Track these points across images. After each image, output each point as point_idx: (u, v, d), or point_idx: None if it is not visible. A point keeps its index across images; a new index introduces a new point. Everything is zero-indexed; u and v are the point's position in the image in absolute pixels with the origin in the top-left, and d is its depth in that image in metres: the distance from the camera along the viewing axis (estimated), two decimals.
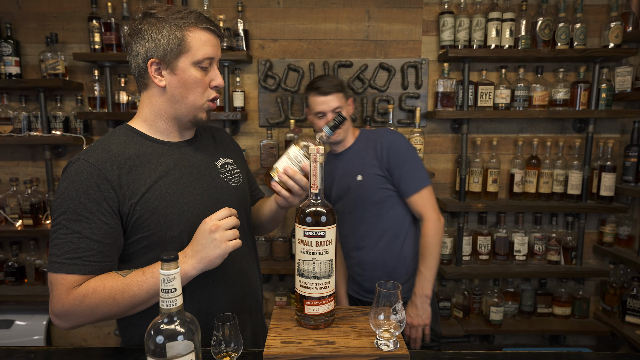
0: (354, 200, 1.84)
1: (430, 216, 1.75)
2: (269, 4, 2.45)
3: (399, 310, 0.95)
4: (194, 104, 1.11)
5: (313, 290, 1.01)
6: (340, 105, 1.79)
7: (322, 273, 1.00)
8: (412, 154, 1.78)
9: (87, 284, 1.00)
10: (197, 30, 1.08)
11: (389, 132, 1.84)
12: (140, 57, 1.09)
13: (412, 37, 2.48)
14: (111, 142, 1.10)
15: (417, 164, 1.77)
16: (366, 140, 1.85)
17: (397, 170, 1.76)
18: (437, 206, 1.78)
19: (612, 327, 2.38)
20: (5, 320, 2.57)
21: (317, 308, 1.02)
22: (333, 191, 1.92)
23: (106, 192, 1.02)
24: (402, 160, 1.76)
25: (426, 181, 1.77)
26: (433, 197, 1.78)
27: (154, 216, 1.06)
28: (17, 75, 2.39)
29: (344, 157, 1.89)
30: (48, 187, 2.50)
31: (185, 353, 0.78)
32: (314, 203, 1.00)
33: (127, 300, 1.00)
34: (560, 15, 2.31)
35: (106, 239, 1.03)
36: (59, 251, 1.00)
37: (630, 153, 2.35)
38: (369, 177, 1.79)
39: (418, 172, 1.76)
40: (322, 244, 0.99)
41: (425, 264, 1.74)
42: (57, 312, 1.02)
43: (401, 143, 1.79)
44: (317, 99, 1.79)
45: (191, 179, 1.15)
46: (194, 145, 1.21)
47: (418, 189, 1.75)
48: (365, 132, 1.90)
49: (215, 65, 1.14)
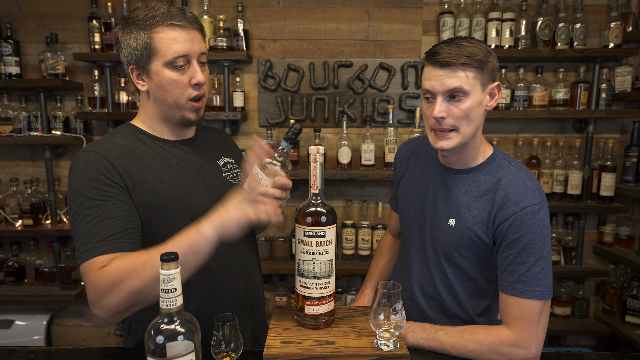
0: (432, 242, 1.25)
1: (520, 341, 1.08)
2: (269, 4, 2.45)
3: (399, 310, 0.95)
4: (175, 104, 1.10)
5: (313, 290, 1.01)
6: (462, 88, 1.07)
7: (322, 273, 1.00)
8: (544, 248, 1.10)
9: (111, 263, 0.96)
10: (165, 29, 1.04)
11: (527, 193, 1.11)
12: (125, 64, 1.11)
13: (412, 37, 2.48)
14: (115, 137, 1.12)
15: (546, 262, 1.10)
16: (490, 175, 1.17)
17: (511, 255, 1.11)
18: (541, 338, 1.10)
19: (612, 327, 2.38)
20: (5, 320, 2.57)
21: (317, 308, 1.02)
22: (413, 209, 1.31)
23: (116, 178, 1.03)
24: (524, 250, 1.09)
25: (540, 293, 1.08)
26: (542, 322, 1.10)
27: (163, 208, 1.07)
28: (17, 75, 2.39)
29: (455, 180, 1.22)
30: (48, 187, 2.50)
31: (185, 353, 0.78)
32: (314, 203, 1.00)
33: (149, 272, 0.92)
34: (560, 15, 2.31)
35: (129, 217, 1.02)
36: (85, 240, 0.98)
37: (630, 153, 2.35)
38: (463, 230, 1.17)
39: (540, 273, 1.09)
40: (322, 244, 0.99)
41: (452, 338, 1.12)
42: (92, 299, 0.97)
43: (537, 226, 1.09)
44: (429, 71, 1.11)
45: (195, 176, 1.15)
46: (194, 144, 1.22)
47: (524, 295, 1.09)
48: (500, 157, 1.21)
49: (195, 61, 1.08)
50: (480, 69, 1.08)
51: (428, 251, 1.26)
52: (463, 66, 1.06)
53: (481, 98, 1.10)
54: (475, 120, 1.12)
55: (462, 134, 1.12)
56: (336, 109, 2.50)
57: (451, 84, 1.07)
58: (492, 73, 1.12)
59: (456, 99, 1.09)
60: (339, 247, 2.52)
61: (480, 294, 1.23)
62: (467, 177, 1.20)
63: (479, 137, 1.18)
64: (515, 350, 1.08)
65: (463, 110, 1.09)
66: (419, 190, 1.30)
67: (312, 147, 0.98)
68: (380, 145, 2.45)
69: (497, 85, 1.14)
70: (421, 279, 1.29)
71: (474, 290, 1.23)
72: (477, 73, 1.07)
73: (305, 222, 0.99)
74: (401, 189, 1.38)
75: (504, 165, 1.19)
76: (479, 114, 1.12)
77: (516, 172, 1.16)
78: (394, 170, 1.46)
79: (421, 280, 1.28)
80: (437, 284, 1.25)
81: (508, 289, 1.11)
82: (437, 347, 1.13)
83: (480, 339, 1.10)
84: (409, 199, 1.33)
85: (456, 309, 1.24)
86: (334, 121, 2.52)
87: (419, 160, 1.34)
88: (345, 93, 2.50)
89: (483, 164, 1.19)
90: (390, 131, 2.35)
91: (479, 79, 1.08)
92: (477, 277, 1.21)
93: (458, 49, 1.07)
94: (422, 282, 1.28)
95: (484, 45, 1.11)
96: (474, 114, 1.10)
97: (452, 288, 1.23)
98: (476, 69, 1.07)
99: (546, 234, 1.10)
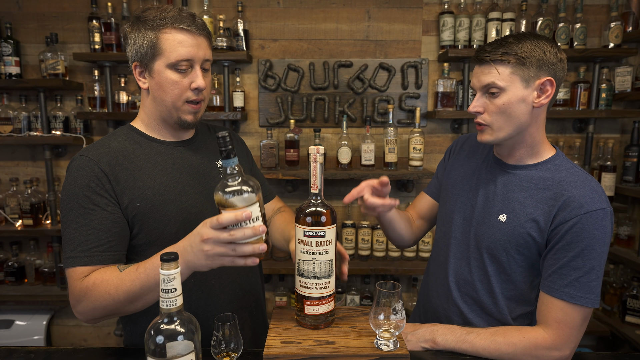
0: (475, 237, 1.22)
1: (557, 344, 1.07)
2: (269, 4, 2.45)
3: (399, 310, 0.95)
4: (172, 105, 1.11)
5: (313, 290, 1.01)
6: (495, 84, 1.09)
7: (322, 273, 1.00)
8: (602, 256, 1.06)
9: (89, 277, 1.01)
10: (172, 31, 1.06)
11: (594, 196, 1.07)
12: (130, 60, 1.13)
13: (412, 37, 2.48)
14: (112, 140, 1.13)
15: (601, 270, 1.07)
16: (550, 174, 1.14)
17: (565, 258, 1.07)
18: (577, 342, 1.10)
19: (612, 327, 2.38)
20: (5, 320, 2.57)
21: (317, 308, 1.02)
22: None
23: (107, 185, 1.05)
24: (581, 255, 1.05)
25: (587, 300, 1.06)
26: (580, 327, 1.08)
27: (152, 213, 1.08)
28: (17, 75, 2.39)
29: (510, 176, 1.19)
30: (48, 187, 2.50)
31: (185, 353, 0.78)
32: (313, 203, 1.00)
33: (122, 295, 0.97)
34: (560, 15, 2.31)
35: (113, 229, 1.05)
36: (71, 246, 1.03)
37: (630, 153, 2.35)
38: (515, 227, 1.14)
39: (594, 281, 1.06)
40: (322, 244, 0.99)
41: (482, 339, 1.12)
42: (72, 303, 1.05)
43: (599, 232, 1.05)
44: (474, 68, 1.16)
45: (189, 178, 1.16)
46: (193, 145, 1.22)
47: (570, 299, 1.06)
48: (562, 159, 1.17)
49: (198, 66, 1.09)
50: (521, 65, 1.07)
51: (470, 246, 1.22)
52: (496, 62, 1.08)
53: (523, 94, 1.08)
54: (516, 117, 1.10)
55: (498, 129, 1.12)
56: (336, 109, 2.50)
57: (485, 80, 1.10)
58: (543, 67, 1.07)
59: (493, 94, 1.10)
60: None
61: (518, 299, 1.18)
62: (523, 174, 1.17)
63: (535, 136, 1.15)
64: (550, 353, 1.07)
65: (498, 106, 1.09)
66: (469, 183, 1.27)
67: (312, 147, 0.98)
68: (380, 145, 2.45)
69: (547, 80, 1.08)
70: (458, 274, 1.25)
71: (513, 293, 1.18)
72: (516, 69, 1.07)
73: (305, 222, 0.99)
74: (449, 179, 1.34)
75: (567, 166, 1.15)
76: (521, 111, 1.10)
77: (581, 173, 1.13)
78: (444, 158, 1.43)
79: (457, 276, 1.25)
80: (475, 281, 1.21)
81: (556, 291, 1.07)
82: (469, 350, 1.11)
83: (515, 342, 1.08)
84: (457, 190, 1.29)
85: (493, 309, 1.20)
86: (334, 121, 2.52)
87: (476, 155, 1.31)
88: (345, 93, 2.50)
89: (543, 162, 1.16)
90: (390, 131, 2.35)
91: (518, 75, 1.07)
92: (519, 281, 1.17)
93: (498, 46, 1.09)
94: (458, 278, 1.25)
95: (535, 39, 1.09)
96: (511, 110, 1.09)
97: (491, 287, 1.19)
98: (513, 64, 1.07)
99: (607, 241, 1.06)
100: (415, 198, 1.52)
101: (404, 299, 2.62)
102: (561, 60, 1.10)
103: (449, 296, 1.27)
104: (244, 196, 0.89)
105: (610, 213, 1.07)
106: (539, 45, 1.08)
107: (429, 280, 1.38)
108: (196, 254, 0.91)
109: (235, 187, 0.89)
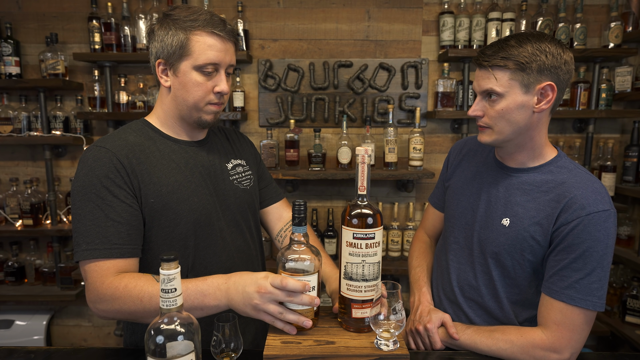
0: (479, 242, 1.21)
1: (555, 345, 1.06)
2: (269, 4, 2.45)
3: (399, 310, 0.95)
4: (195, 106, 1.11)
5: (362, 293, 1.00)
6: (493, 90, 1.07)
7: (370, 275, 1.00)
8: (604, 259, 1.04)
9: (121, 278, 0.99)
10: (203, 34, 1.07)
11: (596, 197, 1.05)
12: (152, 56, 1.12)
13: (412, 37, 2.48)
14: (128, 133, 1.13)
15: (604, 273, 1.05)
16: (552, 176, 1.13)
17: (566, 259, 1.06)
18: (579, 346, 1.07)
19: (612, 327, 2.38)
20: (5, 320, 2.57)
21: (365, 311, 1.01)
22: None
23: (125, 177, 1.04)
24: (582, 257, 1.04)
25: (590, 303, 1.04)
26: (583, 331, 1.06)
27: (165, 210, 1.08)
28: (17, 75, 2.39)
29: (512, 179, 1.18)
30: (48, 187, 2.50)
31: (185, 353, 0.78)
32: (360, 205, 0.99)
33: (154, 306, 0.97)
34: (560, 15, 2.31)
35: (133, 222, 1.04)
36: (87, 238, 1.00)
37: (630, 153, 2.35)
38: (518, 230, 1.12)
39: (596, 283, 1.04)
40: (371, 245, 0.98)
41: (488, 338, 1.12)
42: (93, 299, 1.01)
43: (602, 234, 1.03)
44: (476, 72, 1.14)
45: (201, 179, 1.16)
46: (205, 146, 1.22)
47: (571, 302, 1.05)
48: (564, 160, 1.16)
49: (223, 71, 1.11)
50: (521, 70, 1.04)
51: (474, 251, 1.21)
52: (494, 68, 1.06)
53: (522, 100, 1.06)
54: (516, 122, 1.08)
55: (498, 132, 1.11)
56: (336, 109, 2.50)
57: (484, 85, 1.09)
58: (544, 72, 1.04)
59: (492, 99, 1.09)
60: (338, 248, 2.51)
61: (524, 303, 1.17)
62: (525, 177, 1.16)
63: (537, 139, 1.13)
64: (549, 355, 1.06)
65: (497, 111, 1.09)
66: (471, 187, 1.25)
67: (360, 147, 0.96)
68: (380, 145, 2.45)
69: (548, 84, 1.05)
70: (461, 279, 1.24)
71: (519, 298, 1.17)
72: (515, 74, 1.05)
73: (352, 224, 0.98)
74: (451, 185, 1.33)
75: (569, 167, 1.13)
76: (521, 116, 1.08)
77: (584, 174, 1.11)
78: (444, 166, 1.40)
79: (461, 281, 1.24)
80: (480, 286, 1.20)
81: (556, 293, 1.06)
82: (468, 343, 1.13)
83: (512, 339, 1.09)
84: (458, 195, 1.28)
85: (499, 313, 1.19)
86: (334, 121, 2.52)
87: (476, 158, 1.30)
88: (345, 93, 2.50)
89: (544, 164, 1.15)
90: (390, 131, 2.35)
91: (517, 80, 1.05)
92: (525, 285, 1.16)
93: (498, 49, 1.06)
94: (462, 283, 1.24)
95: (538, 41, 1.05)
96: (510, 115, 1.08)
97: (496, 291, 1.18)
98: (513, 70, 1.04)
99: (609, 243, 1.04)
100: (424, 213, 1.52)
101: (404, 299, 2.62)
102: (565, 62, 1.06)
103: (453, 301, 1.27)
104: (305, 263, 0.97)
105: (614, 215, 1.05)
106: (541, 49, 1.04)
107: (432, 284, 1.38)
108: (244, 299, 0.94)
109: (300, 255, 0.97)
